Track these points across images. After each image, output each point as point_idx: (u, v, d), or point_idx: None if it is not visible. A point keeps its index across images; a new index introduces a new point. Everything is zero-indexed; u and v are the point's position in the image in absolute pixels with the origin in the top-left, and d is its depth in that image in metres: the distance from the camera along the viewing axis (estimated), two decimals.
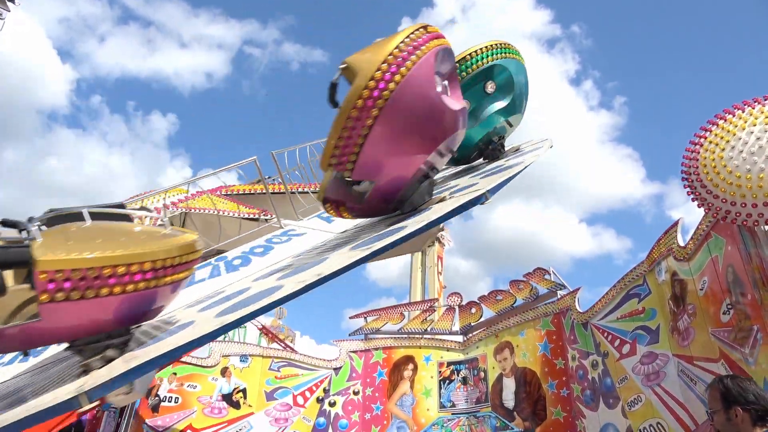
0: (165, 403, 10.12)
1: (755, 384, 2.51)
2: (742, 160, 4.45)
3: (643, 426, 7.29)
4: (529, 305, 10.70)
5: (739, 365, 5.49)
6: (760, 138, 4.45)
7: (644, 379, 7.42)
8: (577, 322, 9.36)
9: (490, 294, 11.49)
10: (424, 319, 12.01)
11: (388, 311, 12.35)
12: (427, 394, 11.20)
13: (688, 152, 4.98)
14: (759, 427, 2.29)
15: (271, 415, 10.63)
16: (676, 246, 6.95)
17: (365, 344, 11.92)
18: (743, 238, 5.35)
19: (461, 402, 10.93)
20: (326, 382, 11.32)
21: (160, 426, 9.89)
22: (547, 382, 9.80)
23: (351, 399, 11.22)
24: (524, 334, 10.53)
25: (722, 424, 2.38)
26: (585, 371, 8.96)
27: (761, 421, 2.29)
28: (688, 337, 6.61)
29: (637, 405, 7.50)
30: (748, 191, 4.39)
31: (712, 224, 5.96)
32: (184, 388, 10.39)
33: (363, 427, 10.90)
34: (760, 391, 2.42)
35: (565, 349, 9.75)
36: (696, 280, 6.47)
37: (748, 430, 2.29)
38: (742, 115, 4.74)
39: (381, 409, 11.08)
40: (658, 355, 7.26)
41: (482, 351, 11.15)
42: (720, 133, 4.78)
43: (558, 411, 9.43)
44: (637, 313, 7.86)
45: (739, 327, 5.51)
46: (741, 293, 5.46)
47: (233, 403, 10.56)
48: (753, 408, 2.31)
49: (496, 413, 10.29)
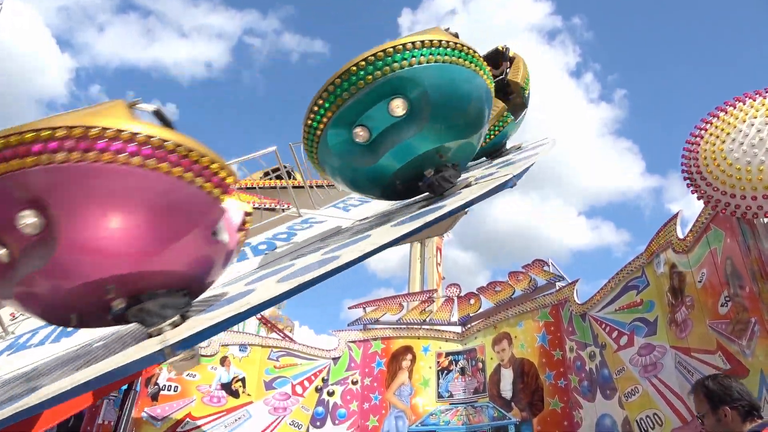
0: (164, 392, 10.17)
1: (735, 380, 2.50)
2: (743, 152, 4.44)
3: (639, 417, 7.34)
4: (527, 297, 10.73)
5: (736, 357, 5.52)
6: (760, 130, 4.43)
7: (641, 371, 7.46)
8: (575, 313, 9.39)
9: (489, 285, 11.52)
10: (423, 309, 12.05)
11: (387, 302, 12.39)
12: (425, 384, 11.25)
13: (689, 144, 4.97)
14: (749, 422, 2.28)
15: (269, 404, 10.69)
16: (675, 238, 6.96)
17: (364, 334, 11.96)
18: (742, 231, 5.36)
19: (459, 392, 10.99)
20: (325, 372, 11.38)
21: (159, 414, 9.94)
22: (544, 372, 9.85)
23: (349, 389, 11.28)
24: (522, 325, 10.57)
25: (713, 425, 2.37)
26: (582, 362, 9.01)
27: (749, 416, 2.29)
28: (685, 329, 6.64)
29: (634, 396, 7.54)
30: (748, 183, 4.38)
31: (712, 217, 5.97)
32: (184, 376, 10.43)
33: (361, 416, 10.97)
34: (742, 386, 2.42)
35: (563, 340, 9.79)
36: (695, 272, 6.49)
37: (739, 428, 2.28)
38: (743, 108, 4.72)
39: (379, 398, 11.15)
40: (656, 347, 7.29)
41: (480, 342, 11.19)
42: (721, 125, 4.76)
43: (555, 402, 9.48)
44: (636, 305, 7.89)
45: (737, 319, 5.53)
46: (739, 286, 5.48)
47: (232, 392, 10.61)
48: (740, 405, 2.30)
49: (494, 403, 10.35)
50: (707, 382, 2.48)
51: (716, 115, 4.87)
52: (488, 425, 10.17)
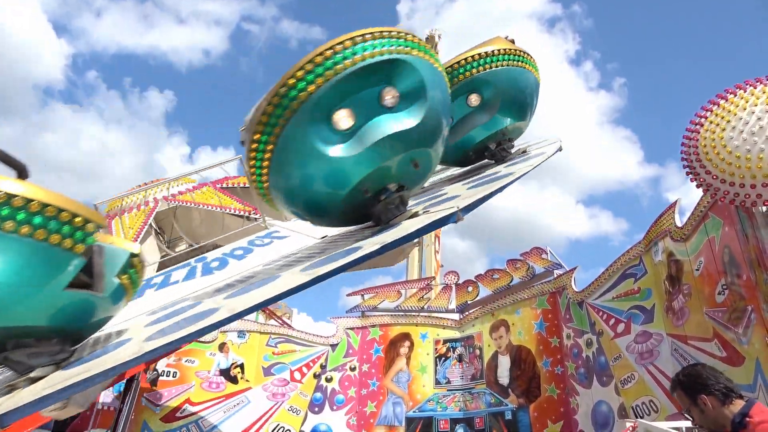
0: (163, 377, 10.22)
1: (704, 366, 2.48)
2: (743, 140, 4.43)
3: (635, 404, 7.40)
4: (525, 284, 10.76)
5: (732, 345, 5.55)
6: (761, 118, 4.42)
7: (638, 358, 7.51)
8: (572, 301, 9.42)
9: (487, 273, 11.54)
10: (421, 297, 12.08)
11: (385, 289, 12.42)
12: (423, 371, 11.32)
13: (689, 132, 4.95)
14: (729, 404, 2.25)
15: (268, 390, 10.76)
16: (674, 226, 6.96)
17: (362, 321, 12.01)
18: (740, 219, 5.36)
19: (456, 379, 11.06)
20: (323, 358, 11.44)
21: (158, 400, 10.01)
22: (541, 359, 9.91)
23: (348, 375, 11.35)
24: (520, 312, 10.61)
25: (700, 417, 2.34)
26: (579, 349, 9.06)
27: (728, 398, 2.26)
28: (682, 317, 6.67)
29: (631, 383, 7.59)
30: (748, 171, 4.37)
31: (710, 205, 5.97)
32: (182, 362, 10.49)
33: (359, 402, 11.04)
34: (712, 371, 2.39)
35: (560, 327, 9.84)
36: (692, 260, 6.50)
37: (721, 413, 2.25)
38: (743, 95, 4.69)
39: (377, 385, 11.22)
40: (653, 335, 7.33)
41: (478, 329, 11.25)
42: (721, 113, 4.74)
43: (552, 388, 9.55)
44: (633, 293, 7.92)
45: (733, 307, 5.55)
46: (736, 274, 5.49)
47: (231, 377, 10.68)
48: (714, 390, 2.28)
49: (491, 390, 10.42)
50: (680, 376, 2.46)
51: (716, 102, 4.85)
52: (485, 411, 10.25)
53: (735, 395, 2.27)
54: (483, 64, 4.05)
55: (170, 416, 9.96)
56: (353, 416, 10.88)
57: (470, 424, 10.29)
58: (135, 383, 9.21)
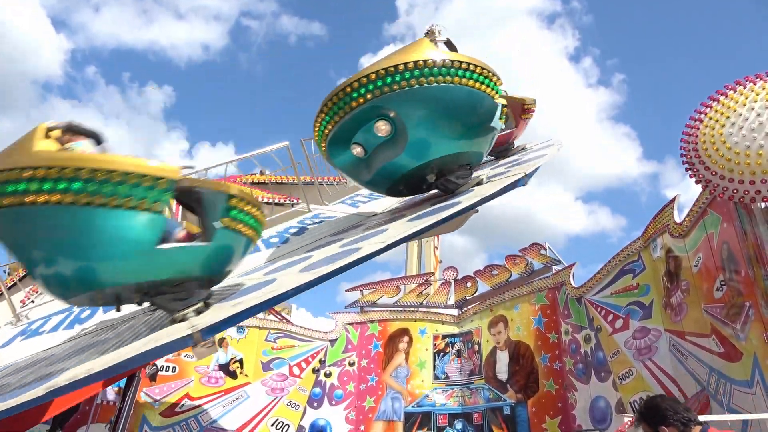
0: (163, 372, 10.23)
1: (663, 398, 2.60)
2: (742, 136, 4.43)
3: (633, 399, 7.42)
4: (524, 280, 10.77)
5: (730, 341, 5.57)
6: (760, 114, 4.42)
7: (636, 353, 7.53)
8: (571, 297, 9.44)
9: (486, 268, 11.55)
10: (420, 292, 12.10)
11: (384, 284, 12.43)
12: (421, 366, 11.35)
13: (688, 128, 4.95)
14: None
15: (267, 384, 10.78)
16: (672, 222, 6.97)
17: (361, 317, 12.03)
18: (739, 216, 5.36)
19: (455, 374, 11.09)
20: (322, 354, 11.46)
21: (158, 394, 10.02)
22: (540, 355, 9.94)
23: (346, 370, 11.37)
24: (519, 308, 10.63)
25: None
26: (578, 345, 9.08)
27: (686, 428, 2.35)
28: (680, 313, 6.68)
29: (628, 378, 7.62)
30: (747, 168, 4.37)
31: (709, 201, 5.97)
32: (182, 357, 10.49)
33: (358, 397, 11.07)
34: (671, 402, 2.49)
35: (558, 323, 9.86)
36: (690, 256, 6.51)
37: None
38: (743, 92, 4.69)
39: (376, 380, 11.25)
40: (651, 330, 7.35)
41: (477, 324, 11.27)
42: (720, 109, 4.74)
43: (550, 383, 9.58)
44: (631, 289, 7.93)
45: (731, 303, 5.56)
46: (735, 270, 5.50)
47: (230, 372, 10.69)
48: (673, 420, 2.37)
49: (490, 385, 10.45)
50: (642, 409, 2.56)
51: (716, 99, 4.85)
52: (484, 407, 10.28)
53: (693, 423, 2.38)
54: (389, 84, 3.20)
55: (169, 411, 9.97)
56: (352, 411, 10.92)
57: (469, 419, 10.33)
58: (136, 380, 9.21)
